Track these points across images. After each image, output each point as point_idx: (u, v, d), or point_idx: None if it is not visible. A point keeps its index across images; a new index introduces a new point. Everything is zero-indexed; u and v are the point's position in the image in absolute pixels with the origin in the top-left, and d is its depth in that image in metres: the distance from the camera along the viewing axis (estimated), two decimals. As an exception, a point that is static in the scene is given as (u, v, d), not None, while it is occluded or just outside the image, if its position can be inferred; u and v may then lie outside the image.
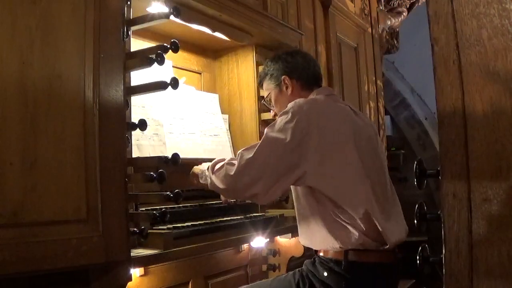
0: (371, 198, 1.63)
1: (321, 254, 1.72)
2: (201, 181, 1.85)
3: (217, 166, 1.75)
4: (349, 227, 1.63)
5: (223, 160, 1.76)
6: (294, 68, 1.93)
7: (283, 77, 1.92)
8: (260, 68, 2.50)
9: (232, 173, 1.66)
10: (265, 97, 2.05)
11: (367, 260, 1.62)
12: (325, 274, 1.65)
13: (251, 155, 1.65)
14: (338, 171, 1.63)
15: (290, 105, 1.72)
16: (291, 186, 1.76)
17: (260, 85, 2.09)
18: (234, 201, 2.02)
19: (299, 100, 1.73)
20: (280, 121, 1.67)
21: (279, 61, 1.96)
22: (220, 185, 1.71)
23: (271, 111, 2.06)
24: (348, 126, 1.71)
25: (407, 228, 1.76)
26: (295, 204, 1.82)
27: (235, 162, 1.68)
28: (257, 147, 1.66)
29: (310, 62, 1.97)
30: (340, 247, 1.64)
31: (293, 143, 1.61)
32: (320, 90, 1.90)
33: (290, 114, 1.66)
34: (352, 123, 1.74)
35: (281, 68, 1.94)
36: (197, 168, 1.93)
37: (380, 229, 1.61)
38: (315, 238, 1.73)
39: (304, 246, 2.36)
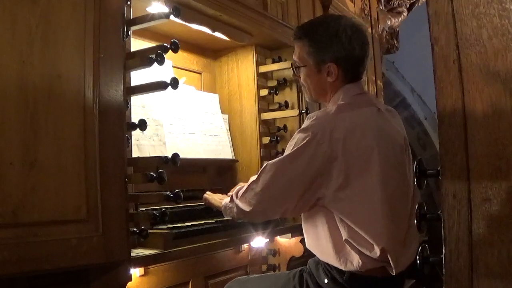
0: (390, 228, 1.54)
1: None
2: (226, 216, 1.79)
3: (241, 191, 1.68)
4: (357, 254, 1.55)
5: (244, 185, 1.70)
6: (347, 57, 1.65)
7: (329, 64, 1.65)
8: (261, 68, 2.51)
9: (258, 189, 1.62)
10: (295, 61, 1.77)
11: (370, 274, 1.57)
12: (326, 281, 1.62)
13: (274, 173, 1.59)
14: (357, 197, 1.54)
15: (310, 121, 1.57)
16: None
17: (295, 38, 1.75)
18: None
19: (321, 117, 1.58)
20: (300, 140, 1.56)
21: (334, 39, 1.64)
22: (247, 208, 1.64)
23: (294, 76, 1.86)
24: (374, 143, 1.56)
25: (419, 241, 1.65)
26: (307, 214, 1.70)
27: (257, 178, 1.63)
28: (280, 165, 1.59)
29: (365, 51, 1.69)
30: (345, 266, 1.58)
31: (314, 167, 1.53)
32: (351, 88, 1.68)
33: (311, 135, 1.54)
34: (379, 137, 1.58)
35: (333, 52, 1.64)
36: (215, 200, 1.89)
37: (391, 261, 1.54)
38: (320, 250, 1.66)
39: (304, 246, 2.36)
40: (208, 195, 1.97)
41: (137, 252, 1.51)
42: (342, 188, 1.53)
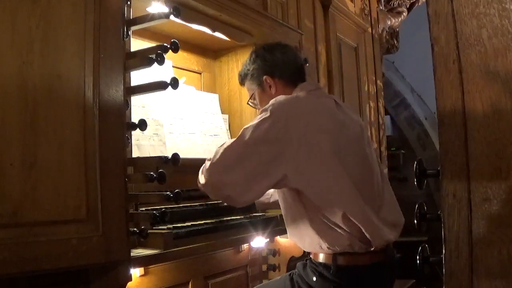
0: (354, 198, 1.59)
1: (312, 257, 1.71)
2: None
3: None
4: (336, 228, 1.59)
5: None
6: (274, 66, 1.84)
7: (264, 77, 1.84)
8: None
9: (207, 166, 1.61)
10: (249, 97, 1.97)
11: (356, 263, 1.60)
12: (314, 278, 1.64)
13: (225, 150, 1.59)
14: (318, 175, 1.59)
15: (271, 101, 1.66)
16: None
17: (241, 84, 2.00)
18: None
19: (280, 98, 1.67)
20: (259, 119, 1.62)
21: (257, 59, 1.87)
22: (202, 180, 1.63)
23: (257, 108, 1.97)
24: (331, 125, 1.65)
25: (398, 228, 1.72)
26: (281, 203, 1.76)
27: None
28: (232, 143, 1.60)
29: (290, 56, 1.87)
30: (328, 248, 1.61)
31: (268, 144, 1.57)
32: (304, 86, 1.82)
33: (268, 113, 1.60)
34: (335, 121, 1.68)
35: (261, 67, 1.85)
36: None
37: (364, 230, 1.57)
38: (303, 238, 1.70)
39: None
40: None
41: (137, 252, 1.51)
42: (302, 167, 1.57)
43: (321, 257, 1.65)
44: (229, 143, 1.61)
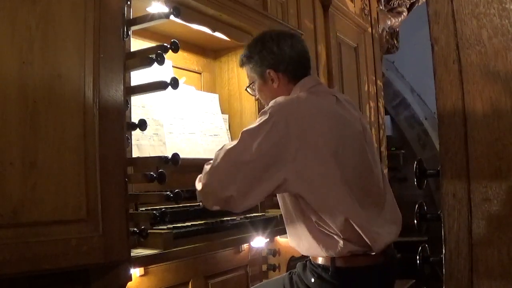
0: (352, 205, 1.56)
1: (311, 258, 1.70)
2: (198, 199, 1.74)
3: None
4: (333, 236, 1.58)
5: None
6: (281, 60, 1.73)
7: (268, 70, 1.74)
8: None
9: (207, 171, 1.58)
10: (248, 84, 1.87)
11: (355, 264, 1.59)
12: (312, 280, 1.63)
13: (225, 154, 1.56)
14: (317, 180, 1.56)
15: (270, 104, 1.61)
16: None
17: (241, 66, 1.87)
18: None
19: (280, 100, 1.62)
20: (258, 122, 1.58)
21: (263, 49, 1.75)
22: (198, 187, 1.61)
23: (255, 96, 1.93)
24: (332, 126, 1.61)
25: (398, 226, 1.70)
26: (281, 207, 1.74)
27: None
28: (232, 146, 1.57)
29: (297, 50, 1.77)
30: (326, 256, 1.61)
31: (268, 147, 1.53)
32: (305, 82, 1.74)
33: (267, 115, 1.56)
34: (335, 122, 1.63)
35: (266, 59, 1.74)
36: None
37: (364, 236, 1.55)
38: (302, 243, 1.69)
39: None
40: None
41: (137, 252, 1.51)
42: (302, 170, 1.55)
43: (320, 259, 1.64)
44: (229, 146, 1.58)
